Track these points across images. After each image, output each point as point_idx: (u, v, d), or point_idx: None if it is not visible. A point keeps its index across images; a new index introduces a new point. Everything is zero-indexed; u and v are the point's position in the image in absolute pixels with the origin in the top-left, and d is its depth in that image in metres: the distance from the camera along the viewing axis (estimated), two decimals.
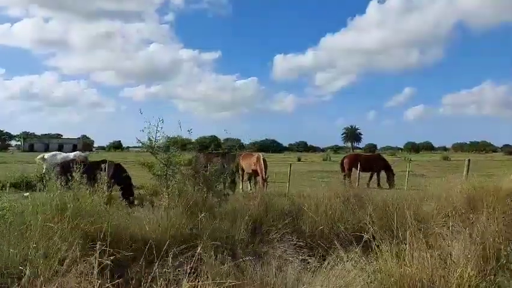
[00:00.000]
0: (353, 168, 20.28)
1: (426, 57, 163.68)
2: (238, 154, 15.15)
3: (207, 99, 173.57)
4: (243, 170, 15.27)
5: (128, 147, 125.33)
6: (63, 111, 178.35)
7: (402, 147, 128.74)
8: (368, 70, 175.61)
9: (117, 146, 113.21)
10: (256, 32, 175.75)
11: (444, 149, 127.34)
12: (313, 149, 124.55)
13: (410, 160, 53.26)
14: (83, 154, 16.03)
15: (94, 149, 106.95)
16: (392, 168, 19.82)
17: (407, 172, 13.93)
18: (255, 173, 14.47)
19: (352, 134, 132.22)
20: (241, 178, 15.56)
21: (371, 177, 19.68)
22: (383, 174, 19.56)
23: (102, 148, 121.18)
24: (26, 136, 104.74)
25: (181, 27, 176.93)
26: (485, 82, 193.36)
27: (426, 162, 48.33)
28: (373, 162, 20.12)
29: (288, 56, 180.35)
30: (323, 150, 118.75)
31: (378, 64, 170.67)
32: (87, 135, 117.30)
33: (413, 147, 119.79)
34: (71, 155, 15.52)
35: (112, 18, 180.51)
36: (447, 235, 4.72)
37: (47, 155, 15.66)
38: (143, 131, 6.77)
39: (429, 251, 3.90)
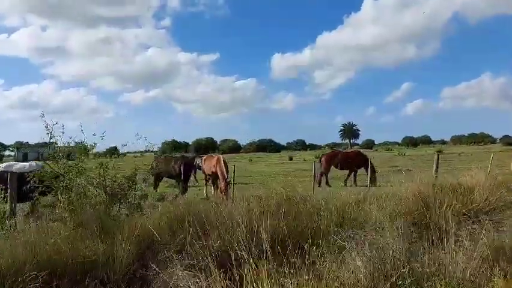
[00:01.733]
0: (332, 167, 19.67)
1: (423, 52, 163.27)
2: (198, 157, 14.46)
3: (206, 101, 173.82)
4: (205, 173, 14.55)
5: (124, 153, 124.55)
6: (63, 118, 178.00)
7: (400, 142, 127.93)
8: (365, 66, 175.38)
9: (113, 151, 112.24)
10: (254, 32, 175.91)
11: (443, 142, 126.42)
12: (312, 147, 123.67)
13: (404, 154, 52.69)
14: (39, 164, 15.25)
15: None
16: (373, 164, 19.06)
17: (369, 168, 13.18)
18: (215, 176, 13.73)
19: (349, 131, 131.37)
20: (205, 181, 14.88)
21: (349, 175, 18.90)
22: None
23: (100, 155, 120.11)
24: (19, 145, 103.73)
25: (178, 31, 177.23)
26: (483, 74, 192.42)
27: (420, 157, 47.56)
28: (352, 159, 19.32)
29: (285, 55, 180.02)
30: (321, 148, 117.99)
31: (376, 60, 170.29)
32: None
33: (411, 142, 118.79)
34: (27, 165, 14.77)
35: (109, 24, 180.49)
36: (351, 248, 3.96)
37: (2, 166, 14.93)
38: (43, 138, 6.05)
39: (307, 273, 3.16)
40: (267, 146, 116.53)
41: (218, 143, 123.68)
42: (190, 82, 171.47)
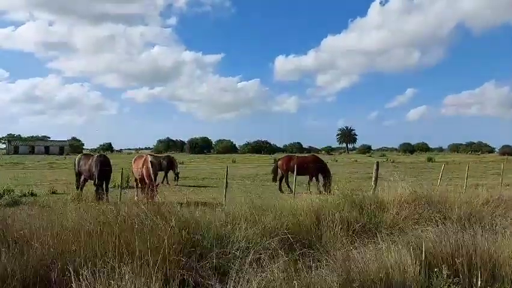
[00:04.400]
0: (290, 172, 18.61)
1: (428, 58, 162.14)
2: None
3: (209, 101, 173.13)
4: (134, 175, 13.50)
5: (120, 149, 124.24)
6: (66, 113, 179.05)
7: (397, 148, 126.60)
8: (370, 71, 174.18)
9: (107, 148, 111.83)
10: (258, 33, 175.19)
11: (441, 149, 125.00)
12: (310, 150, 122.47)
13: (392, 161, 51.42)
14: None
15: (83, 151, 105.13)
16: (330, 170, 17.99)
17: (295, 177, 12.17)
18: (142, 180, 12.67)
19: (347, 135, 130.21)
20: (135, 184, 13.80)
21: (310, 181, 17.78)
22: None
23: (93, 150, 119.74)
24: (11, 138, 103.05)
25: (184, 30, 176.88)
26: (487, 83, 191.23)
27: (407, 164, 46.34)
28: (308, 164, 18.19)
29: (289, 58, 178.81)
30: (318, 151, 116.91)
31: (380, 65, 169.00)
32: (77, 137, 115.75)
33: (408, 148, 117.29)
34: None
35: (115, 21, 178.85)
36: None
37: None
38: None
39: None
40: (262, 148, 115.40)
41: (214, 142, 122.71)
42: (194, 82, 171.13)
